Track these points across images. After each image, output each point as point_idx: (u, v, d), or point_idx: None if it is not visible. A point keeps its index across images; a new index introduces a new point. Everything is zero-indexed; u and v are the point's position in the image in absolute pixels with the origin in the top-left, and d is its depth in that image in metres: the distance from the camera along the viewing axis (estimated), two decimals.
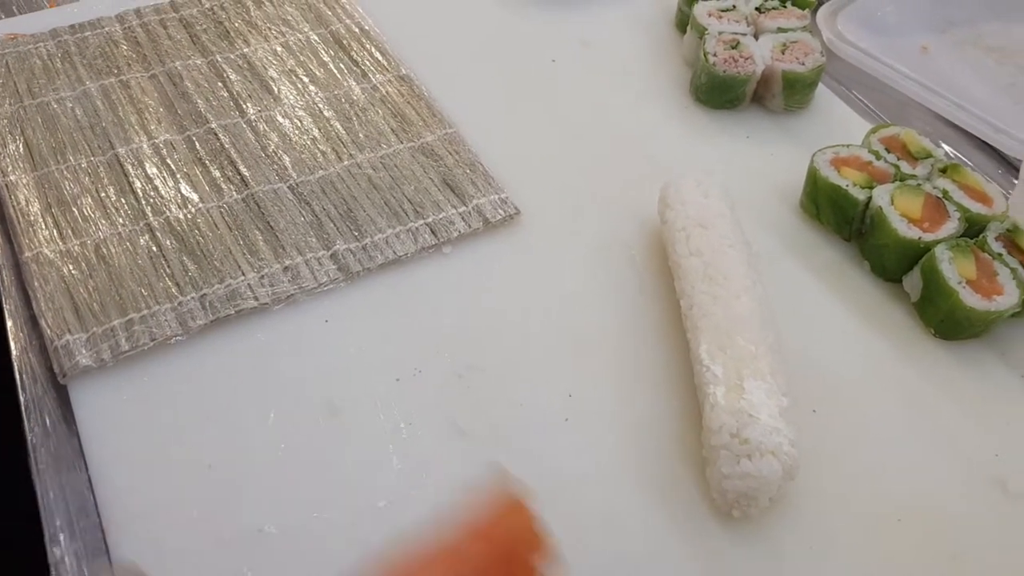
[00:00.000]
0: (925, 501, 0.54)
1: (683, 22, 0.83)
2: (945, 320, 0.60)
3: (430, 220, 0.67)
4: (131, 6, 0.83)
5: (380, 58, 0.80)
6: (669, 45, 0.84)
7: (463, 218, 0.67)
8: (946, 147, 0.77)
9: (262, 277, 0.62)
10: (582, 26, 0.85)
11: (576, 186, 0.71)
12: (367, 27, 0.82)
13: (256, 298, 0.61)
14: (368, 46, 0.81)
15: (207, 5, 0.84)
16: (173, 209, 0.66)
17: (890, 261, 0.63)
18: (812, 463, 0.54)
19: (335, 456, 0.54)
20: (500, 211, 0.68)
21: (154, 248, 0.63)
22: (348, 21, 0.83)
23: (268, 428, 0.55)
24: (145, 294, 0.61)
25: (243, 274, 0.62)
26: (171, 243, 0.64)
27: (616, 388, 0.58)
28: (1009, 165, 0.77)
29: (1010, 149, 0.75)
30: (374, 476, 0.54)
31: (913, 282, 0.62)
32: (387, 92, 0.77)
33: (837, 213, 0.66)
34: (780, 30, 0.77)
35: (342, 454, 0.55)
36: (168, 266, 0.62)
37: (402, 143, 0.73)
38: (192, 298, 0.61)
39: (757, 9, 0.79)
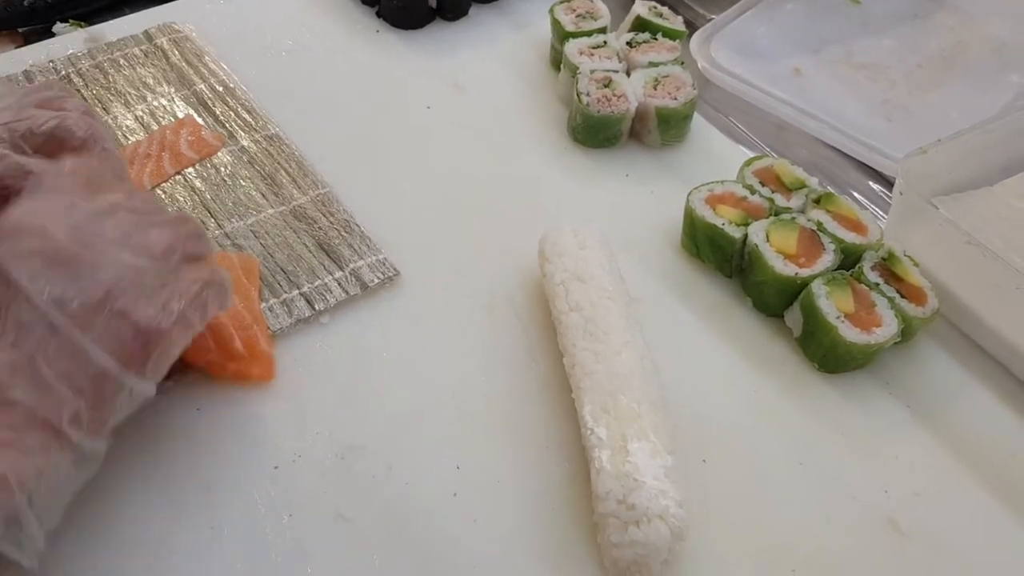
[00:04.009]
0: (818, 548, 0.53)
1: (557, 60, 0.82)
2: (827, 355, 0.60)
3: (305, 289, 0.64)
4: None
5: (247, 117, 0.77)
6: (545, 84, 0.83)
7: (340, 284, 0.65)
8: (823, 171, 0.78)
9: None
10: (456, 70, 0.84)
11: (457, 240, 0.69)
12: (232, 84, 0.79)
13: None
14: (234, 105, 0.78)
15: (62, 72, 0.80)
16: None
17: (770, 298, 0.63)
18: (704, 518, 0.53)
19: (211, 554, 0.52)
20: (378, 274, 0.66)
21: None
22: (212, 80, 0.80)
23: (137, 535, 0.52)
24: None
25: None
26: None
27: (505, 455, 0.57)
28: (887, 183, 0.78)
29: (885, 168, 0.76)
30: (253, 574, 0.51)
31: (794, 318, 0.62)
32: (255, 154, 0.74)
33: (716, 251, 0.65)
34: (652, 64, 0.76)
35: (218, 552, 0.52)
36: None
37: (273, 208, 0.70)
38: None
39: (628, 44, 0.78)
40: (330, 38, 0.87)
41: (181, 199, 0.70)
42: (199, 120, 0.76)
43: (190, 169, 0.72)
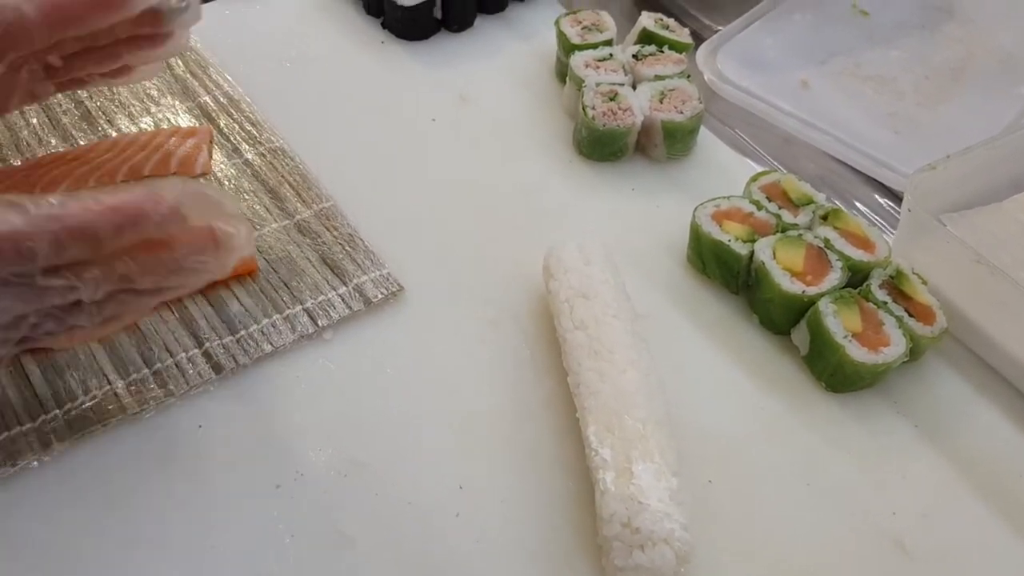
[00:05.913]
0: (824, 569, 0.53)
1: (562, 72, 0.81)
2: (834, 374, 0.59)
3: (308, 305, 0.64)
4: None
5: (251, 129, 0.76)
6: (550, 97, 0.82)
7: (343, 299, 0.65)
8: (831, 184, 0.77)
9: (130, 384, 0.59)
10: (461, 81, 0.83)
11: (461, 255, 0.69)
12: (236, 96, 0.79)
13: (124, 408, 0.58)
14: (238, 117, 0.77)
15: None
16: None
17: (777, 315, 0.62)
18: (710, 540, 0.53)
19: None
20: (382, 289, 0.65)
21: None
22: (216, 92, 0.79)
23: (135, 553, 0.52)
24: (5, 414, 0.57)
25: (109, 383, 0.59)
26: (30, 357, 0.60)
27: (509, 475, 0.56)
28: (895, 197, 0.77)
29: (893, 182, 0.76)
30: None
31: (801, 336, 0.61)
32: (259, 167, 0.73)
33: (722, 268, 0.65)
34: (658, 77, 0.76)
35: (219, 574, 0.51)
36: (29, 383, 0.59)
37: (276, 222, 0.70)
38: (56, 415, 0.57)
39: (634, 57, 0.78)
40: (335, 49, 0.87)
41: None
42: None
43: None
